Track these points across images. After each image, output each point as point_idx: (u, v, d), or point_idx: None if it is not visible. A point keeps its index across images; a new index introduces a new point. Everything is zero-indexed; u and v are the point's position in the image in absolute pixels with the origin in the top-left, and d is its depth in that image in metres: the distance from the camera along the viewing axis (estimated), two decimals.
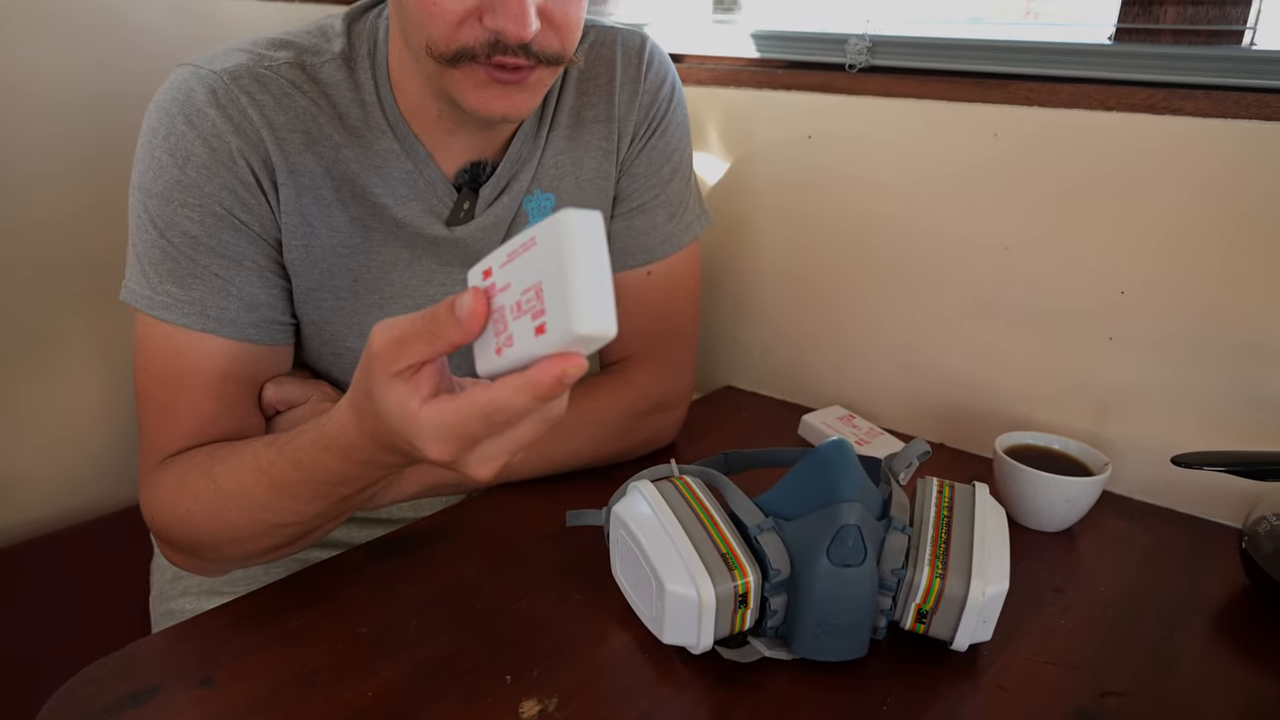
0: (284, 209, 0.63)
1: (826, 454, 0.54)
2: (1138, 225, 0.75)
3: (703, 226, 0.81)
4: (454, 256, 0.70)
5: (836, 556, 0.50)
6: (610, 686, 0.52)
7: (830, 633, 0.51)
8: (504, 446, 0.42)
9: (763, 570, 0.52)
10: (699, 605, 0.50)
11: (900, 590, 0.52)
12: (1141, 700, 0.53)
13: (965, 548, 0.53)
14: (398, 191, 0.66)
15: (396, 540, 0.68)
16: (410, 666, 0.53)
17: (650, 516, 0.54)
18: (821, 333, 0.98)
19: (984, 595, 0.51)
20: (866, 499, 0.53)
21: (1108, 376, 0.79)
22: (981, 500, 0.57)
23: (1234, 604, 0.63)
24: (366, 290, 0.68)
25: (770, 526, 0.53)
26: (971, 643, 0.53)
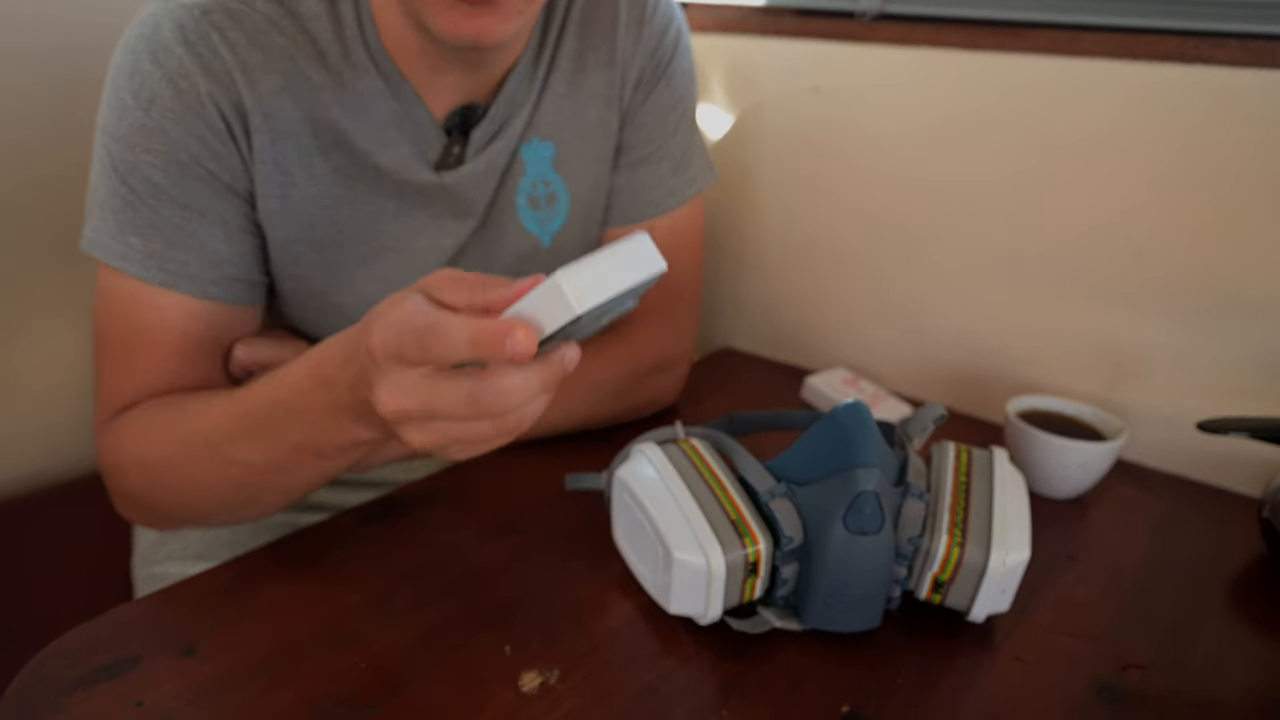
0: (258, 157, 0.59)
1: (843, 417, 0.52)
2: (1158, 181, 0.72)
3: (707, 180, 0.77)
4: (444, 206, 0.66)
5: (853, 524, 0.48)
6: (614, 658, 0.50)
7: (844, 603, 0.49)
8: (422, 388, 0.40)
9: (774, 538, 0.50)
10: (708, 574, 0.48)
11: (916, 559, 0.50)
12: (1162, 673, 0.51)
13: (984, 515, 0.51)
14: (384, 134, 0.62)
15: (388, 503, 0.65)
16: (404, 636, 0.51)
17: (656, 481, 0.51)
18: (825, 293, 0.95)
19: (1005, 564, 0.49)
20: (884, 464, 0.51)
21: (1122, 339, 0.77)
22: (1000, 466, 0.55)
23: (1253, 574, 0.61)
24: (352, 244, 0.64)
25: (783, 492, 0.51)
26: (991, 613, 0.51)
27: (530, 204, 0.69)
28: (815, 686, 0.48)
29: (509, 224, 0.69)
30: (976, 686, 0.49)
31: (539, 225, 0.70)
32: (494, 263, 0.70)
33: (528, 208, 0.69)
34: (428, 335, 0.38)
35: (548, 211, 0.70)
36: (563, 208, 0.71)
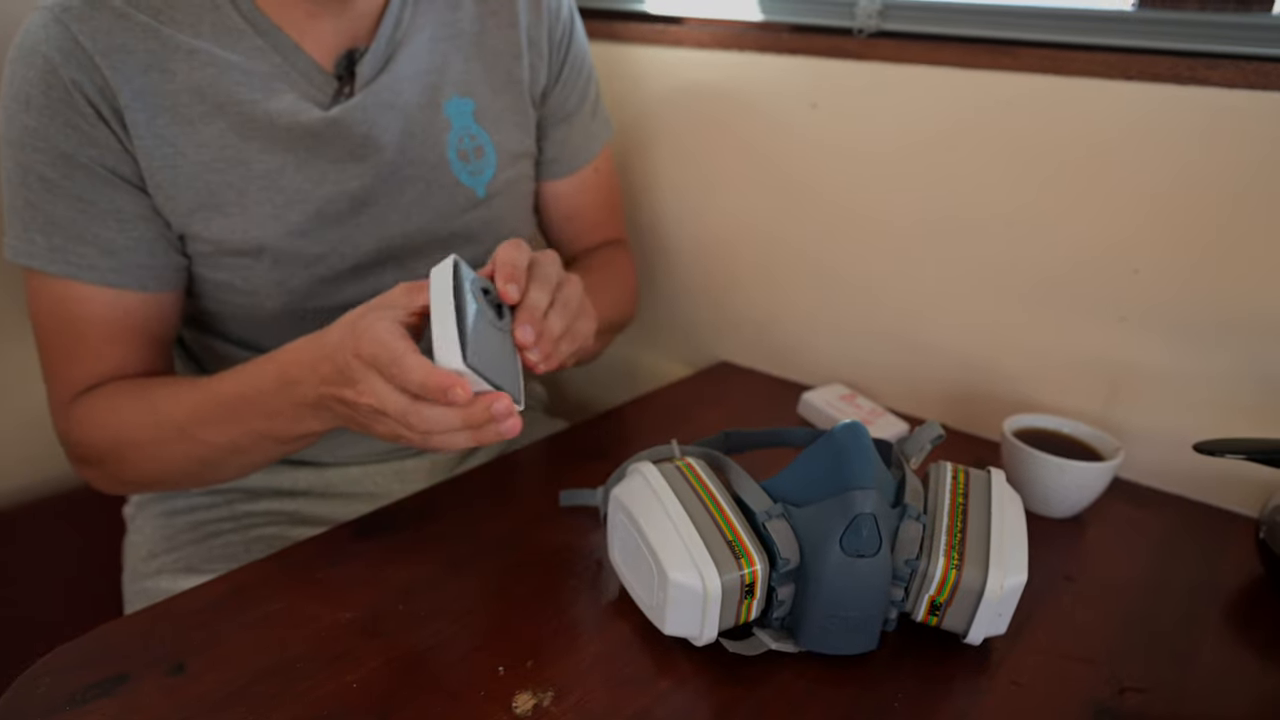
0: (135, 134, 0.61)
1: (841, 438, 0.52)
2: (1155, 201, 0.72)
3: (610, 129, 0.87)
4: (342, 149, 0.67)
5: (850, 546, 0.47)
6: (609, 679, 0.49)
7: (840, 625, 0.49)
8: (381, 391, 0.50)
9: (770, 559, 0.49)
10: (704, 595, 0.47)
11: (913, 581, 0.50)
12: (1161, 696, 0.51)
13: (982, 537, 0.50)
14: (269, 87, 0.64)
15: (383, 517, 0.64)
16: (397, 655, 0.50)
17: (652, 500, 0.51)
18: (821, 308, 0.95)
19: (1002, 587, 0.49)
20: (881, 486, 0.50)
21: (1119, 358, 0.77)
22: (998, 487, 0.54)
23: (1251, 595, 0.61)
24: (255, 203, 0.65)
25: (780, 513, 0.50)
26: (989, 635, 0.51)
27: (460, 157, 0.73)
28: (813, 710, 0.48)
29: (444, 178, 0.72)
30: (974, 711, 0.49)
31: (471, 177, 0.74)
32: (438, 217, 0.73)
33: (458, 160, 0.73)
34: (394, 366, 0.49)
35: (477, 163, 0.74)
36: (491, 159, 0.75)
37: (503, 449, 0.89)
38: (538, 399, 1.02)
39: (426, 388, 0.48)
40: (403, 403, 0.49)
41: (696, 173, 1.01)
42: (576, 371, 1.22)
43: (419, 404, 0.49)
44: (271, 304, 0.68)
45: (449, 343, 0.47)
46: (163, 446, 0.62)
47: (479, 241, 0.76)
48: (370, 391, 0.50)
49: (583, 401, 1.21)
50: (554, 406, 1.06)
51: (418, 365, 0.48)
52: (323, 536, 0.62)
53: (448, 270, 0.51)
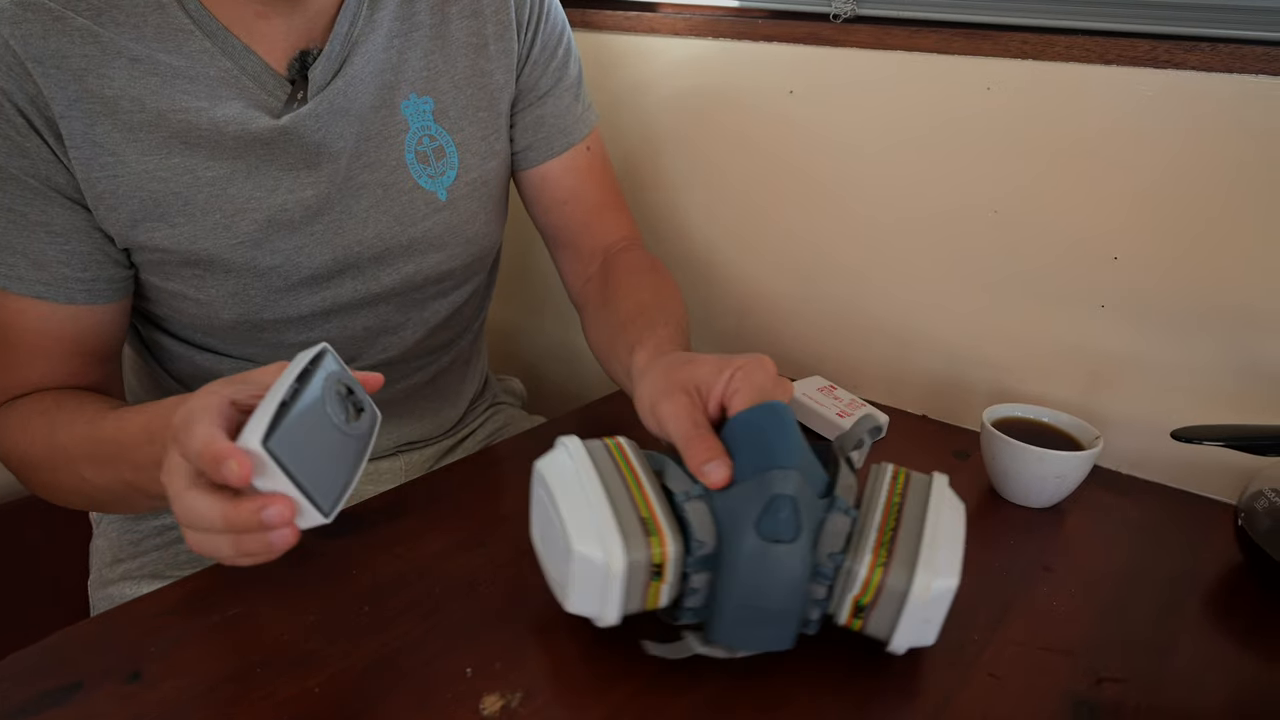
0: (71, 144, 0.58)
1: (760, 418, 0.49)
2: (1134, 187, 0.71)
3: (594, 113, 0.82)
4: (296, 155, 0.64)
5: (766, 530, 0.44)
6: (579, 679, 0.48)
7: (754, 617, 0.45)
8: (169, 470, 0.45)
9: (687, 543, 0.47)
10: (605, 571, 0.45)
11: (838, 579, 0.46)
12: (1138, 686, 0.50)
13: (914, 538, 0.47)
14: (216, 93, 0.61)
15: (351, 517, 0.63)
16: (362, 658, 0.49)
17: (571, 474, 0.49)
18: (800, 300, 0.94)
19: (929, 590, 0.45)
20: (807, 470, 0.48)
21: (1099, 346, 0.76)
22: (938, 490, 0.51)
23: (1229, 583, 0.61)
24: (203, 213, 0.62)
25: (699, 494, 0.47)
26: (912, 646, 0.47)
27: (419, 159, 0.70)
28: (789, 710, 0.47)
29: (402, 181, 0.69)
30: (953, 704, 0.48)
31: (432, 180, 0.71)
32: (397, 223, 0.69)
33: (417, 163, 0.70)
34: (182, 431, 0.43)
35: (438, 165, 0.71)
36: (453, 160, 0.72)
37: (482, 443, 0.88)
38: (516, 394, 1.01)
39: (201, 456, 0.41)
40: (179, 483, 0.43)
41: (671, 163, 0.99)
42: (555, 366, 1.20)
43: (191, 490, 0.43)
44: (227, 314, 0.66)
45: (255, 422, 0.42)
46: (56, 474, 0.59)
47: (442, 247, 0.72)
48: (167, 470, 0.45)
49: (562, 396, 1.20)
50: (533, 402, 1.05)
51: (203, 433, 0.42)
52: None
53: (305, 357, 0.46)
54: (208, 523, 0.43)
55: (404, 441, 0.81)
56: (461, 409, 0.87)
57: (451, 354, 0.83)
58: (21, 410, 0.61)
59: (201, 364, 0.71)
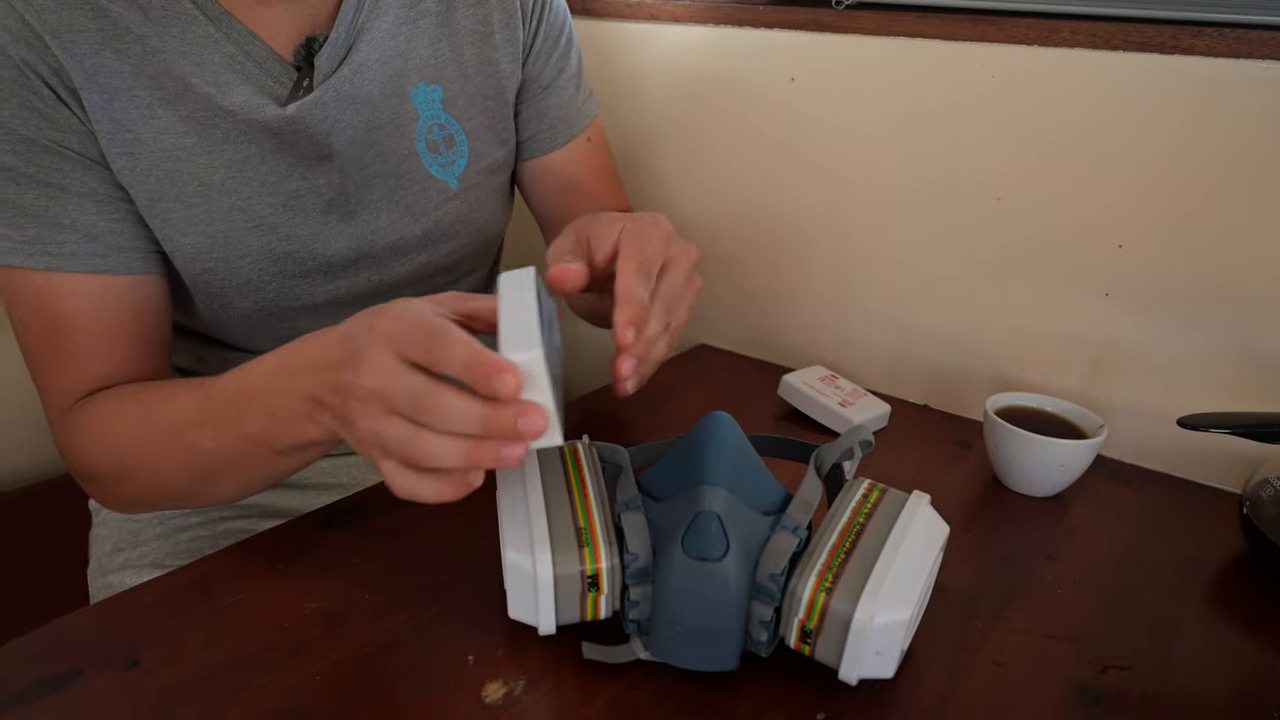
0: (94, 117, 0.57)
1: (700, 429, 0.49)
2: (1140, 174, 0.71)
3: (596, 100, 0.82)
4: (306, 145, 0.63)
5: (691, 547, 0.43)
6: (581, 666, 0.48)
7: (686, 636, 0.44)
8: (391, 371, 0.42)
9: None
10: (534, 581, 0.45)
11: (785, 600, 0.44)
12: (1143, 674, 0.50)
13: (866, 563, 0.44)
14: (221, 79, 0.59)
15: (351, 506, 0.63)
16: (362, 646, 0.49)
17: (516, 479, 0.49)
18: (802, 288, 0.94)
19: (871, 621, 0.42)
20: (743, 485, 0.46)
21: (1102, 334, 0.76)
22: (910, 512, 0.47)
23: (1234, 571, 0.60)
24: (219, 194, 0.61)
25: (637, 505, 0.47)
26: (865, 677, 0.45)
27: (430, 148, 0.69)
28: (791, 696, 0.47)
29: (414, 171, 0.69)
30: (958, 692, 0.48)
31: (443, 169, 0.70)
32: (409, 213, 0.69)
33: (428, 152, 0.69)
34: (434, 338, 0.41)
35: (448, 154, 0.70)
36: (463, 149, 0.71)
37: None
38: None
39: (469, 366, 0.40)
40: (419, 383, 0.41)
41: (671, 152, 0.99)
42: None
43: (438, 387, 0.41)
44: (241, 303, 0.65)
45: (520, 333, 0.41)
46: (158, 454, 0.55)
47: (454, 236, 0.73)
48: (375, 370, 0.42)
49: None
50: None
51: (462, 340, 0.41)
52: (287, 526, 0.60)
53: (529, 275, 0.46)
54: (460, 422, 0.40)
55: None
56: None
57: None
58: (101, 403, 0.58)
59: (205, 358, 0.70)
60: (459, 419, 0.41)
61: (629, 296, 0.49)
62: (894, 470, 0.71)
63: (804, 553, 0.46)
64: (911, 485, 0.68)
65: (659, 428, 0.77)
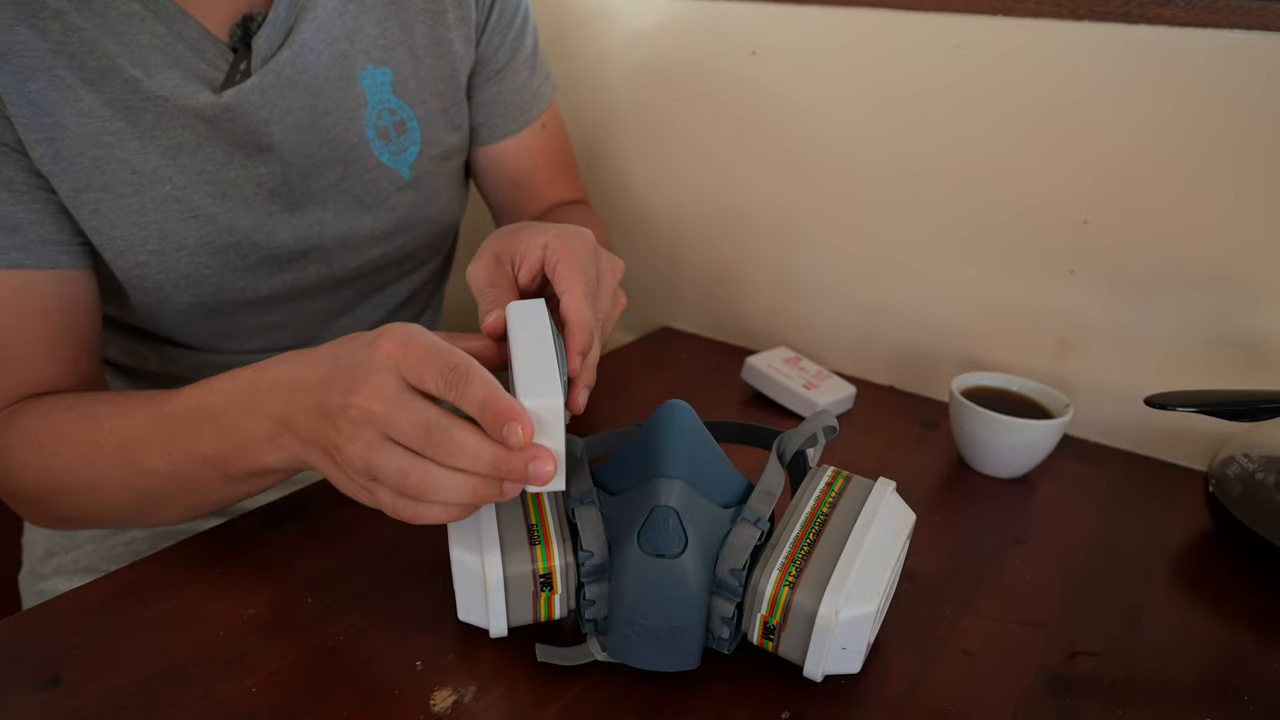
0: (8, 99, 0.52)
1: (657, 418, 0.47)
2: (1105, 147, 0.69)
3: (552, 82, 0.79)
4: (243, 134, 0.58)
5: (647, 543, 0.41)
6: (534, 671, 0.46)
7: (643, 635, 0.42)
8: (400, 398, 0.39)
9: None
10: (483, 581, 0.43)
11: (746, 596, 0.42)
12: (1113, 659, 0.49)
13: (831, 554, 0.42)
14: (149, 61, 0.55)
15: (294, 504, 0.60)
16: (304, 654, 0.46)
17: None
18: (765, 269, 0.92)
19: (836, 616, 0.40)
20: (701, 477, 0.44)
21: (1068, 312, 0.74)
22: (876, 501, 0.45)
23: (1199, 550, 0.60)
24: (152, 183, 0.57)
25: (591, 500, 0.45)
26: (830, 673, 0.43)
27: (380, 135, 0.65)
28: (754, 694, 0.45)
29: (364, 159, 0.65)
30: (925, 684, 0.46)
31: (394, 157, 0.66)
32: (359, 204, 0.65)
33: (378, 139, 0.65)
34: (455, 372, 0.39)
35: (399, 141, 0.66)
36: (415, 135, 0.67)
37: None
38: None
39: (485, 408, 0.38)
40: (430, 414, 0.39)
41: (630, 129, 0.96)
42: None
43: (454, 421, 0.39)
44: (180, 298, 0.61)
45: (545, 373, 0.40)
46: (100, 472, 0.51)
47: (407, 228, 0.69)
48: (378, 394, 0.39)
49: None
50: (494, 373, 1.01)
51: (484, 380, 0.39)
52: (225, 527, 0.57)
53: (540, 307, 0.45)
54: (470, 460, 0.39)
55: None
56: None
57: None
58: (34, 414, 0.53)
59: (143, 353, 0.67)
60: (470, 458, 0.39)
61: (581, 324, 0.46)
62: (859, 453, 0.70)
63: (766, 545, 0.44)
64: (877, 468, 0.67)
65: (618, 415, 0.74)
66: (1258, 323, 0.67)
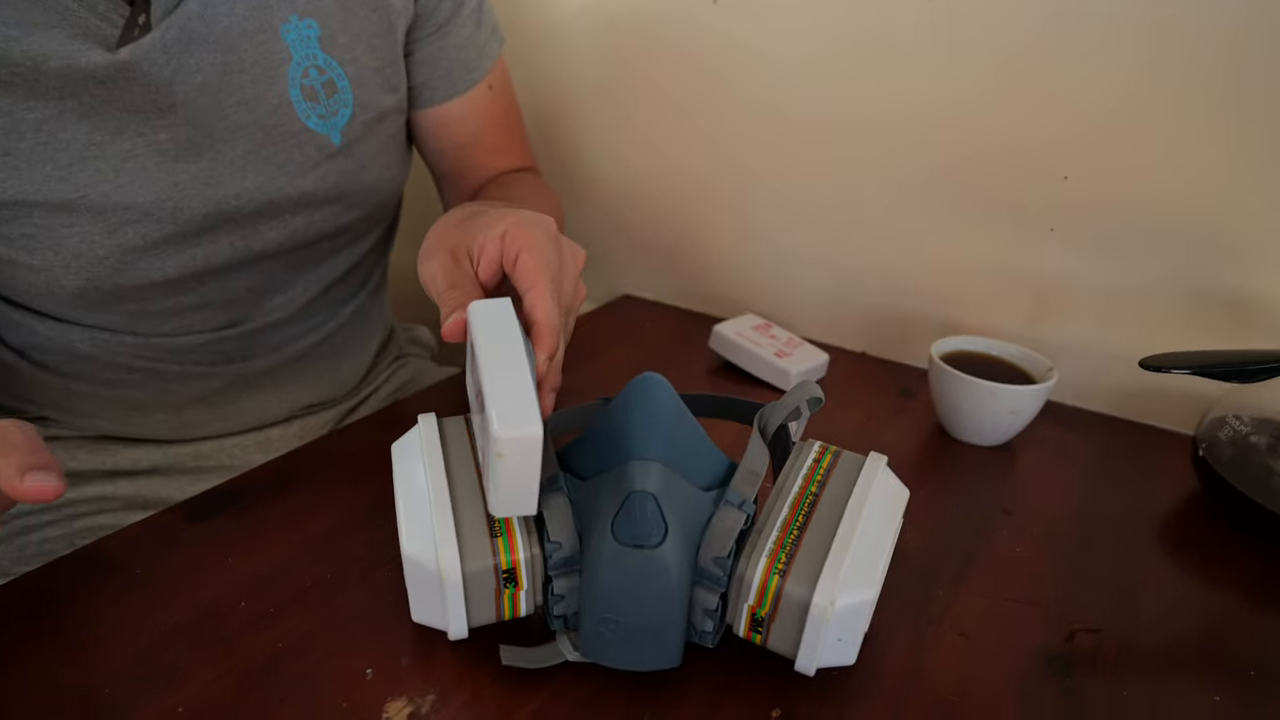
0: None
1: (630, 394, 0.42)
2: (1086, 99, 0.66)
3: (499, 38, 0.73)
4: (142, 95, 0.52)
5: (623, 533, 0.37)
6: (499, 676, 0.41)
7: (618, 633, 0.38)
8: None
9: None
10: (440, 579, 0.38)
11: (731, 585, 0.39)
12: (1112, 636, 0.46)
13: (824, 538, 0.39)
14: (27, 18, 0.48)
15: (225, 495, 0.54)
16: (237, 665, 0.41)
17: (415, 459, 0.41)
18: (729, 233, 0.87)
19: (832, 605, 0.37)
20: (680, 458, 0.40)
21: (1047, 272, 0.72)
22: (869, 477, 0.41)
23: (1190, 516, 0.58)
24: (30, 164, 0.50)
25: (558, 485, 0.40)
26: (824, 666, 0.39)
27: (306, 95, 0.58)
28: (741, 692, 0.41)
29: (287, 123, 0.58)
30: (923, 672, 0.43)
31: (323, 120, 0.60)
32: (283, 172, 0.59)
33: (303, 100, 0.58)
34: None
35: (329, 102, 0.60)
36: (346, 96, 0.61)
37: (387, 401, 0.79)
38: (425, 345, 0.92)
39: None
40: None
41: (584, 86, 0.90)
42: None
43: None
44: (70, 281, 0.54)
45: (520, 397, 0.36)
46: None
47: (338, 198, 0.62)
48: None
49: None
50: (445, 351, 0.96)
51: None
52: (147, 523, 0.51)
53: (507, 310, 0.41)
54: None
55: (299, 406, 0.72)
56: (363, 367, 0.78)
57: (350, 309, 0.73)
58: None
59: (46, 334, 0.60)
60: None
61: (549, 326, 0.42)
62: (836, 424, 0.67)
63: (752, 530, 0.40)
64: (855, 440, 0.64)
65: (580, 389, 0.70)
66: (1243, 281, 0.65)
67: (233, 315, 0.63)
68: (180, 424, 0.66)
